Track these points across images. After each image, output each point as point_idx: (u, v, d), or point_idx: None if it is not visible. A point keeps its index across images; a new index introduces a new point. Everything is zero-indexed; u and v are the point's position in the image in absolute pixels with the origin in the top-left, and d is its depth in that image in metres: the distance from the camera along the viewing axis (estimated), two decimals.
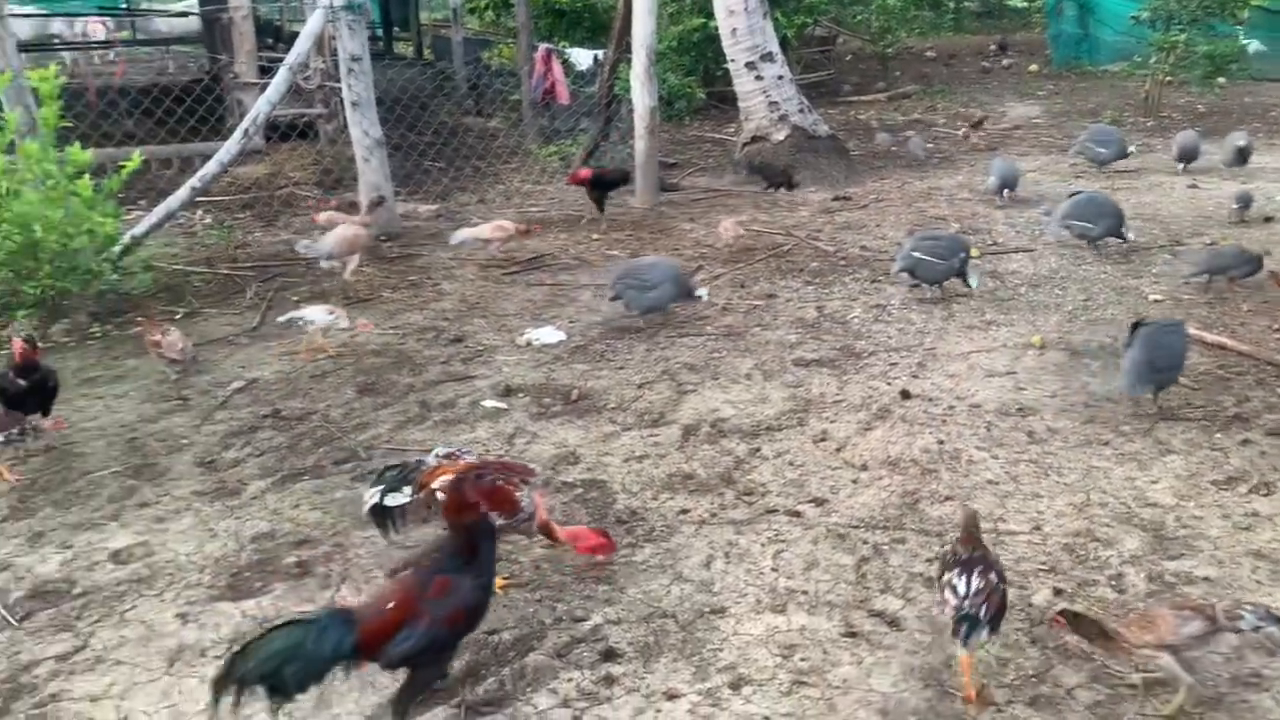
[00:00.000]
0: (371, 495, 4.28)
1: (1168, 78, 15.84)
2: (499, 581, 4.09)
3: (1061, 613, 3.56)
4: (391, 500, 4.23)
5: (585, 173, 10.34)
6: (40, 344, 6.91)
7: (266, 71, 12.52)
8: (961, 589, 3.45)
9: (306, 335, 6.86)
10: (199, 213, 10.60)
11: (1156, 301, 7.52)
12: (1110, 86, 18.60)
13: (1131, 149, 11.89)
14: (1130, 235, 8.56)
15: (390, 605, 3.23)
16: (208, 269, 8.92)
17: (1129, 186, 11.15)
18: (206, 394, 6.27)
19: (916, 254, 7.52)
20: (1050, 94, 18.44)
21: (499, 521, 3.76)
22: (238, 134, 9.07)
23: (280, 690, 3.09)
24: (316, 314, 6.83)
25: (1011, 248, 9.03)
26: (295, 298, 8.11)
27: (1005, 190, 10.50)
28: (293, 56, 9.42)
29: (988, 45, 24.46)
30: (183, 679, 3.71)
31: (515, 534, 4.28)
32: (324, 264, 8.36)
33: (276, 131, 12.52)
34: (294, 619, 3.27)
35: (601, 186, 10.34)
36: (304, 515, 4.84)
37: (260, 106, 9.23)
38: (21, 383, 5.31)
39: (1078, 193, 9.08)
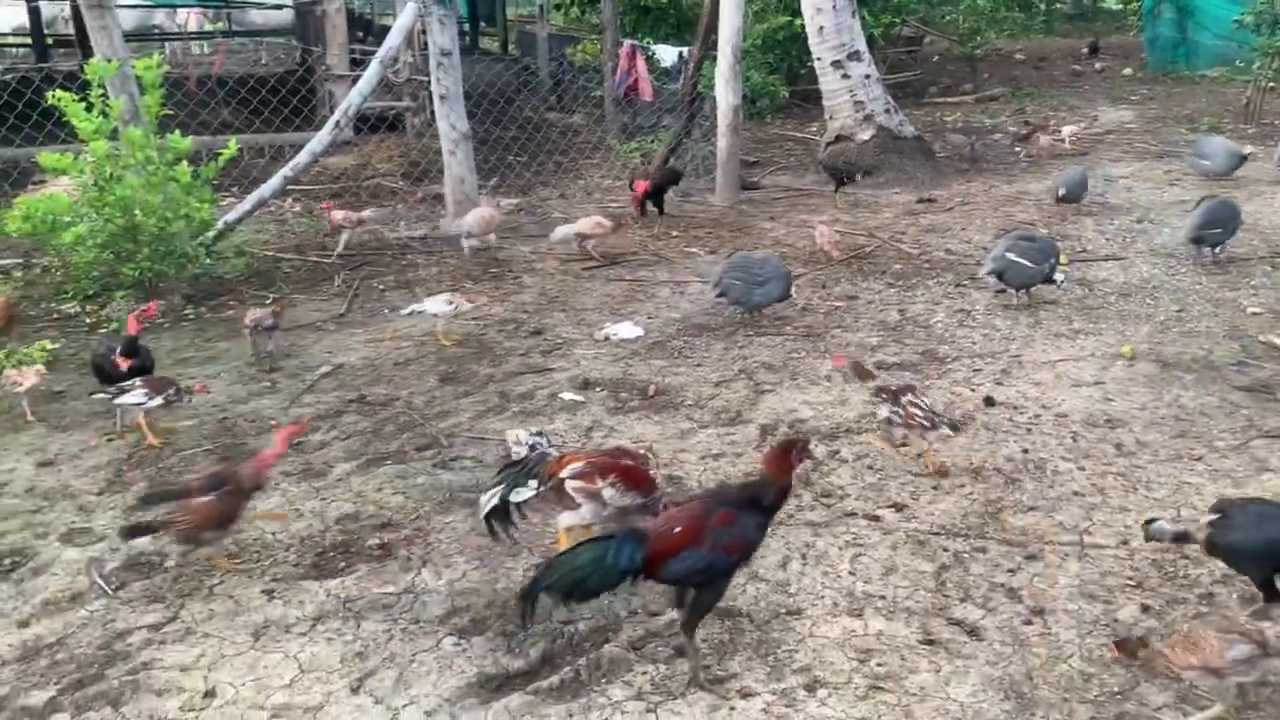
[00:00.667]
0: (490, 498, 4.22)
1: (1271, 84, 15.28)
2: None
3: (1117, 643, 3.55)
4: (516, 496, 4.18)
5: (642, 185, 10.24)
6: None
7: (357, 64, 12.80)
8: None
9: (438, 324, 7.05)
10: (289, 201, 10.87)
11: (1255, 314, 7.28)
12: (1209, 92, 18.00)
13: (1248, 150, 11.38)
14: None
15: (677, 528, 3.50)
16: (297, 256, 9.14)
17: (1228, 196, 10.77)
18: (295, 377, 6.43)
19: (1010, 256, 7.35)
20: (1144, 98, 17.92)
21: (636, 500, 4.08)
22: (330, 125, 9.27)
23: (578, 598, 3.51)
24: (437, 305, 7.00)
25: (1101, 255, 8.81)
26: (381, 286, 8.29)
27: (1073, 200, 10.14)
28: (384, 50, 9.60)
29: (1079, 48, 23.85)
30: (268, 653, 3.82)
31: (646, 513, 4.16)
32: (464, 242, 8.97)
33: (366, 124, 12.77)
34: (594, 538, 3.62)
35: (658, 193, 10.39)
36: (387, 498, 4.93)
37: (352, 98, 9.42)
38: (124, 364, 5.50)
39: (1207, 198, 8.81)
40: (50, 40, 20.62)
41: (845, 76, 12.19)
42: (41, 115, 8.77)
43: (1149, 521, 4.14)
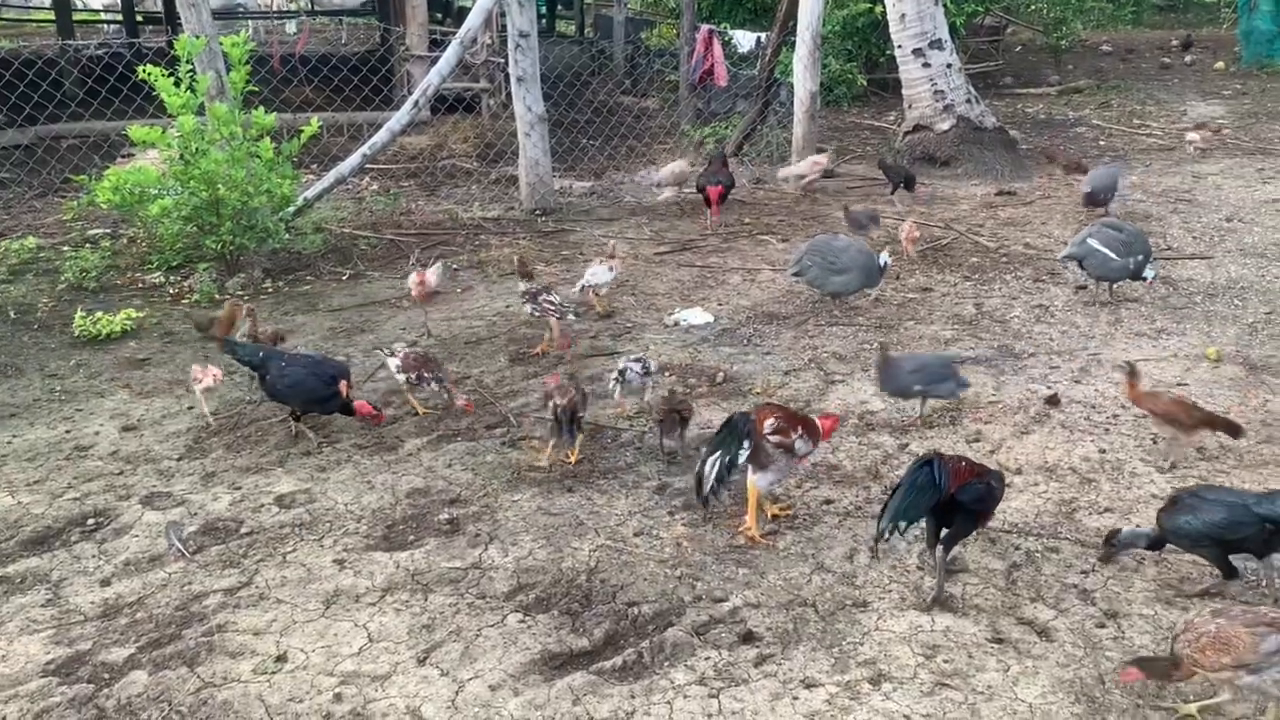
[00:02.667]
0: (712, 468, 4.33)
1: None
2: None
3: (1131, 664, 3.42)
4: (741, 456, 4.36)
5: (716, 190, 10.01)
6: (218, 295, 7.37)
7: (436, 45, 12.92)
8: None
9: (598, 290, 7.24)
10: (366, 179, 11.03)
11: None
12: None
13: None
14: None
15: (964, 464, 4.04)
16: (373, 234, 9.27)
17: None
18: (370, 354, 6.52)
19: (1091, 243, 7.08)
20: (1237, 93, 17.33)
21: (813, 448, 4.58)
22: (408, 104, 9.38)
23: (914, 519, 3.92)
24: (600, 274, 7.13)
25: (1187, 253, 8.55)
26: (455, 265, 8.36)
27: (1099, 203, 9.20)
28: (464, 31, 9.67)
29: (1169, 40, 23.14)
30: (338, 621, 3.89)
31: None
32: (656, 190, 10.00)
33: (443, 104, 12.90)
34: (918, 463, 3.96)
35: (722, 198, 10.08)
36: (456, 475, 4.99)
37: (431, 78, 9.52)
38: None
39: None
40: (140, 17, 21.20)
41: (926, 65, 11.98)
42: (131, 90, 9.00)
43: (1113, 533, 4.08)
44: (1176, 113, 15.60)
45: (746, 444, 4.37)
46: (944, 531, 4.02)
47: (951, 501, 3.93)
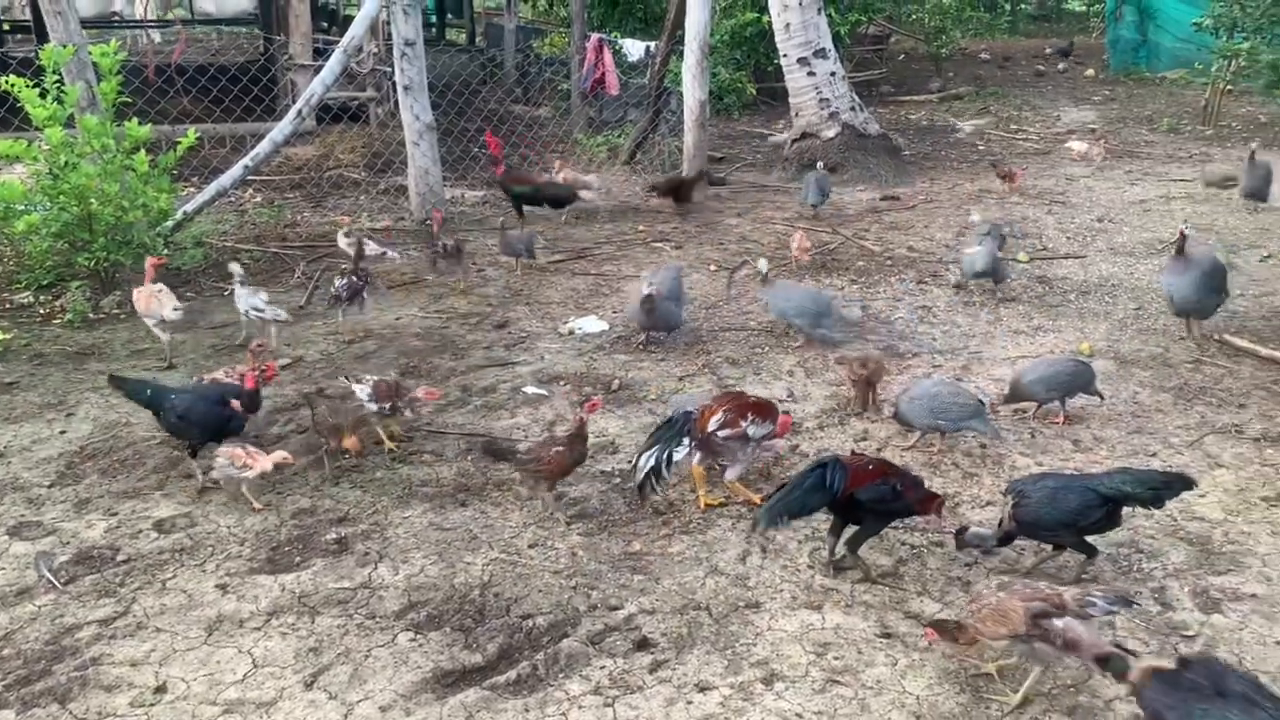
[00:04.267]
0: (648, 459, 4.49)
1: (1229, 87, 15.50)
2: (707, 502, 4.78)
3: (930, 624, 3.64)
4: (677, 454, 4.53)
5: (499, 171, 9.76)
6: (92, 315, 7.09)
7: (321, 54, 12.64)
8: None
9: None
10: (250, 191, 10.73)
11: None
12: (1168, 94, 18.23)
13: None
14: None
15: (870, 466, 4.19)
16: (257, 247, 9.02)
17: (1186, 195, 10.93)
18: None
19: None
20: (1106, 99, 18.13)
21: (770, 429, 4.74)
22: (291, 114, 9.17)
23: (796, 515, 4.15)
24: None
25: (1062, 253, 8.90)
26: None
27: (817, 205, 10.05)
28: (347, 39, 9.50)
29: (1044, 48, 24.08)
30: (220, 648, 3.76)
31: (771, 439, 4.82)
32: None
33: (328, 114, 12.64)
34: (814, 464, 4.14)
35: (514, 196, 9.87)
36: (344, 493, 4.88)
37: (314, 88, 9.32)
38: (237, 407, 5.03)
39: None
40: (6, 25, 20.25)
41: (811, 74, 12.23)
42: None
43: (960, 530, 4.18)
44: (1051, 118, 16.24)
45: (686, 441, 4.56)
46: (852, 528, 4.19)
47: (853, 501, 4.08)
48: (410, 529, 4.56)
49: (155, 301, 6.27)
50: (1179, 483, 4.14)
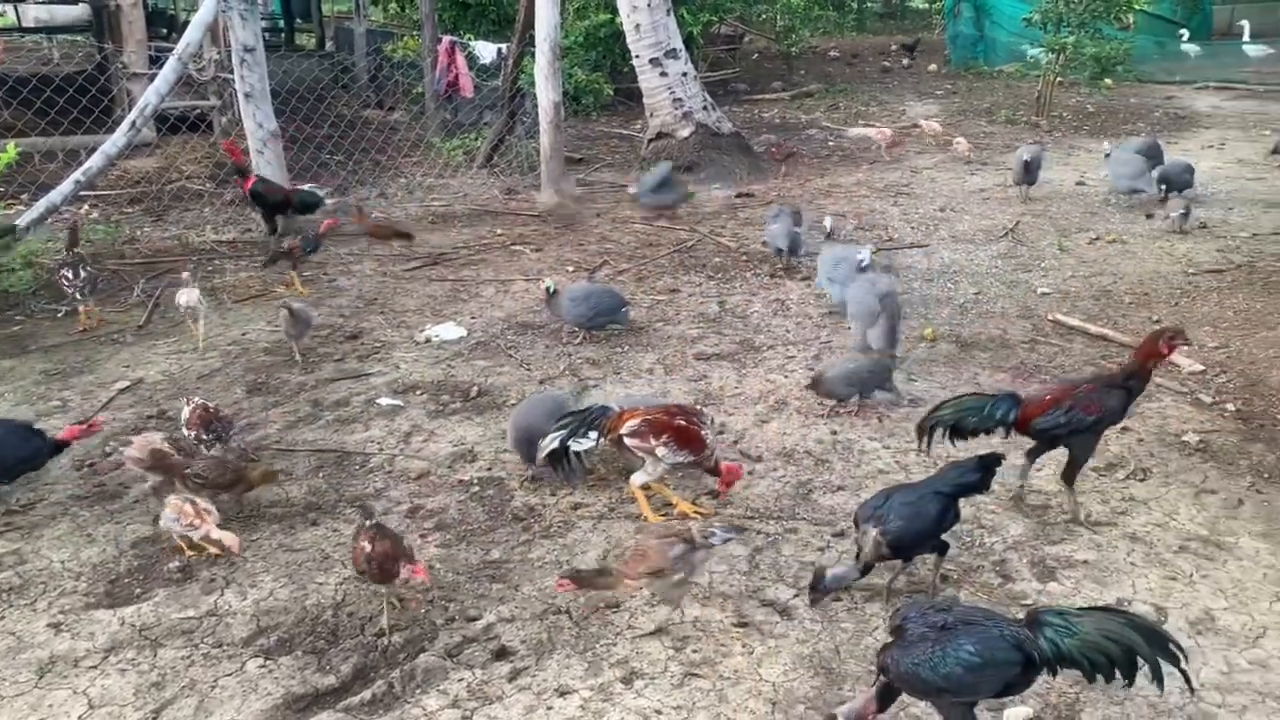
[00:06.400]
0: (551, 440, 4.53)
1: (1058, 78, 16.34)
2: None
3: (564, 578, 3.81)
4: (576, 445, 4.54)
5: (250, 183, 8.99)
6: None
7: (157, 62, 12.09)
8: None
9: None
10: (84, 207, 10.19)
11: (1044, 294, 7.76)
12: (1005, 86, 19.14)
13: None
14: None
15: (1048, 395, 4.30)
16: (94, 265, 8.55)
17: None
18: (89, 395, 6.03)
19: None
20: (948, 93, 18.89)
21: (688, 459, 4.52)
22: (124, 126, 8.75)
23: (960, 434, 4.42)
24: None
25: (907, 243, 9.22)
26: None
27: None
28: (181, 46, 9.12)
29: (890, 45, 24.93)
30: (53, 690, 3.56)
31: (699, 469, 4.68)
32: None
33: (168, 124, 12.13)
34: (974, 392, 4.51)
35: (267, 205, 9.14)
36: None
37: (149, 98, 8.93)
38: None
39: None
40: None
41: (663, 74, 12.35)
42: None
43: (818, 576, 3.79)
44: (897, 112, 16.82)
45: (592, 434, 4.59)
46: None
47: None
48: (258, 551, 4.41)
49: None
50: (994, 462, 4.10)
